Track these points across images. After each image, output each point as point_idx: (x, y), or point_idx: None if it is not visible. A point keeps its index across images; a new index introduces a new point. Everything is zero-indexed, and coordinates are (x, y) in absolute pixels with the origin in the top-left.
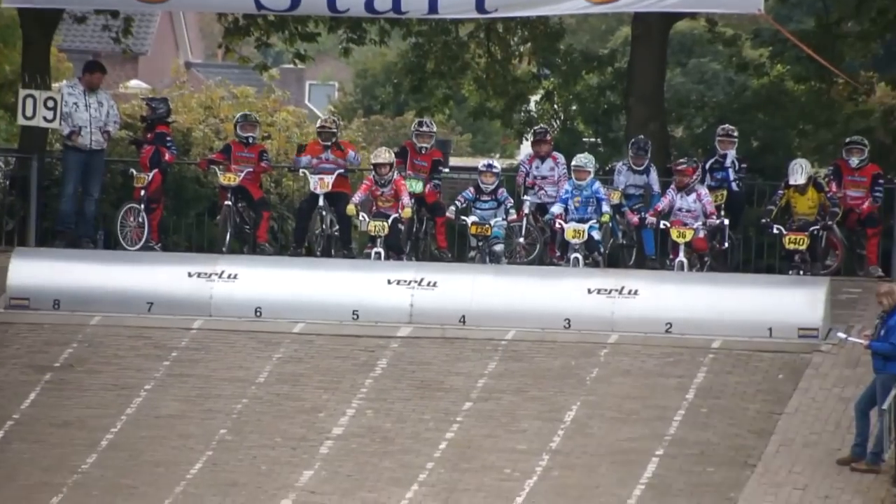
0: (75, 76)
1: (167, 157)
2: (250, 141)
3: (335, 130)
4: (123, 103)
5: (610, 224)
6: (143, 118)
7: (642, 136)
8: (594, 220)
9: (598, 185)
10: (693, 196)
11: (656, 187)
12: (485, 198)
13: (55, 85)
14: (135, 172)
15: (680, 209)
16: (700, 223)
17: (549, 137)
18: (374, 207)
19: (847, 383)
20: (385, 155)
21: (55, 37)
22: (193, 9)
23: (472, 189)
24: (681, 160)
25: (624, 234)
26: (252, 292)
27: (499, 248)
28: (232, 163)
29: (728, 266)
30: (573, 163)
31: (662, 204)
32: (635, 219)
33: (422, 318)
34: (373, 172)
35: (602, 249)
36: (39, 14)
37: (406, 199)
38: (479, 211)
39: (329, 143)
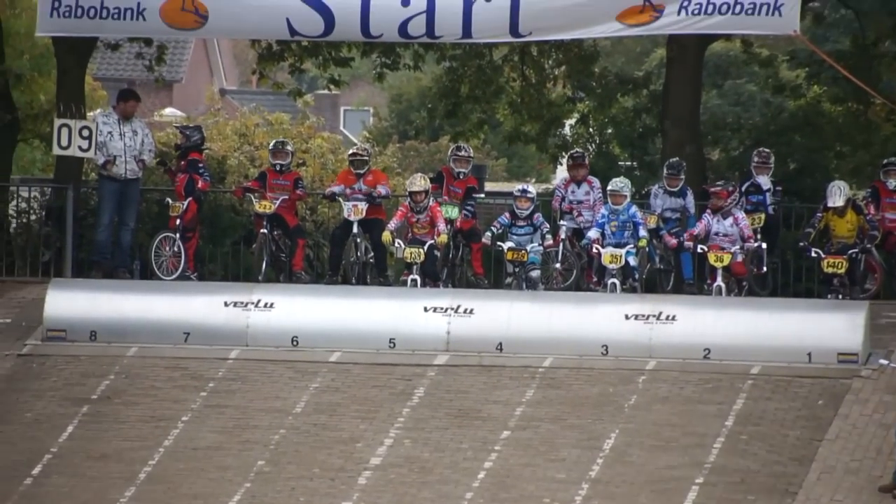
0: (109, 105)
1: (200, 184)
2: (283, 168)
3: (367, 158)
4: (158, 131)
5: (647, 249)
6: (177, 146)
7: (677, 158)
8: (631, 245)
9: (634, 209)
10: (730, 220)
11: (692, 210)
12: (521, 223)
13: (90, 114)
14: (170, 201)
15: (717, 233)
16: (738, 247)
17: (585, 161)
18: (409, 234)
19: (888, 409)
20: (420, 182)
21: (89, 65)
22: (227, 35)
23: (507, 214)
24: (717, 182)
25: (661, 258)
26: (289, 321)
27: (535, 274)
28: (267, 190)
29: (766, 290)
30: (609, 187)
31: (698, 228)
32: (673, 241)
33: (459, 345)
34: (408, 199)
35: (638, 275)
36: (73, 43)
37: (442, 226)
38: (515, 237)
39: (361, 172)
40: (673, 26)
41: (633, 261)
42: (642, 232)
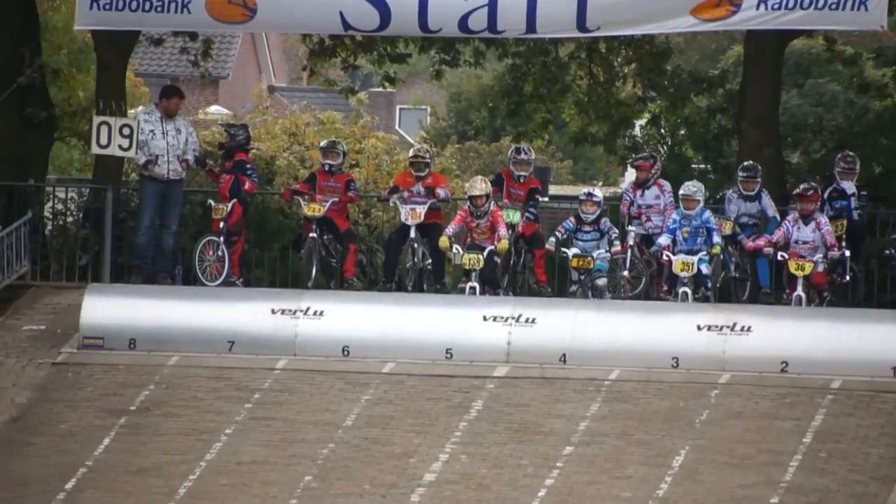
0: (152, 102)
1: (248, 186)
2: (335, 169)
3: (429, 160)
4: (203, 130)
5: (721, 256)
6: (221, 145)
7: (752, 161)
8: (704, 253)
9: (708, 214)
10: (811, 226)
11: (771, 212)
12: (586, 228)
13: (131, 111)
14: (213, 203)
15: (797, 241)
16: (820, 256)
17: (645, 164)
18: (468, 239)
19: None
20: (481, 185)
21: (131, 61)
22: (276, 29)
23: (572, 219)
24: (807, 185)
25: (737, 266)
26: (339, 330)
27: (602, 282)
28: (317, 192)
29: (849, 301)
30: (681, 191)
31: (777, 236)
32: (751, 243)
33: (520, 356)
34: (468, 203)
35: (711, 284)
36: (114, 36)
37: (503, 231)
38: (580, 242)
39: (422, 175)
40: (751, 21)
41: (705, 269)
42: (716, 238)
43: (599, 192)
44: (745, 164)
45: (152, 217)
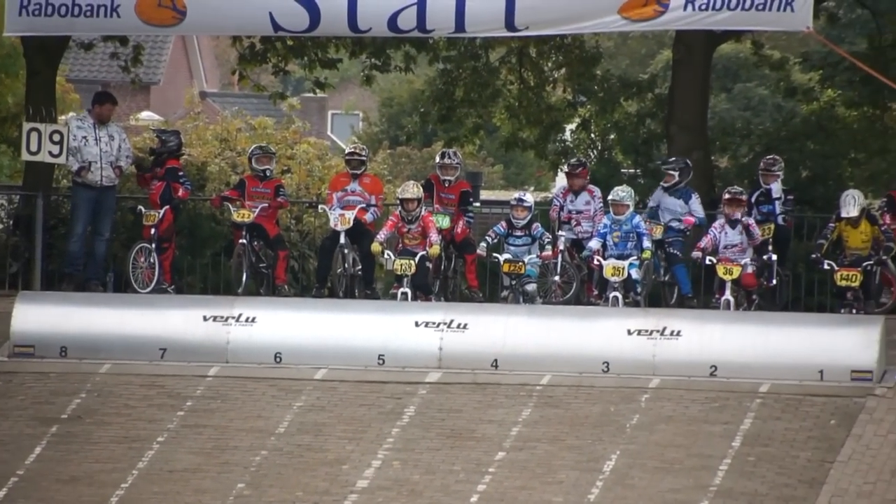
0: (84, 108)
1: (181, 192)
2: (267, 174)
3: (365, 158)
4: (134, 136)
5: (652, 261)
6: (152, 150)
7: (676, 157)
8: (634, 257)
9: (638, 219)
10: (738, 228)
11: (700, 214)
12: (517, 233)
13: (61, 118)
14: (143, 210)
15: (726, 246)
16: (748, 259)
17: (583, 171)
18: (399, 245)
19: None
20: (413, 190)
21: (61, 66)
22: (206, 32)
23: (503, 224)
24: (733, 189)
25: (666, 270)
26: (271, 337)
27: (532, 287)
28: (246, 199)
29: (776, 305)
30: (610, 197)
31: (705, 242)
32: (691, 219)
33: (451, 362)
34: (399, 208)
35: (641, 288)
36: (44, 42)
37: (434, 236)
38: (511, 247)
39: (358, 172)
40: (679, 22)
41: (635, 273)
42: (647, 243)
43: (530, 197)
44: (668, 159)
45: (85, 224)
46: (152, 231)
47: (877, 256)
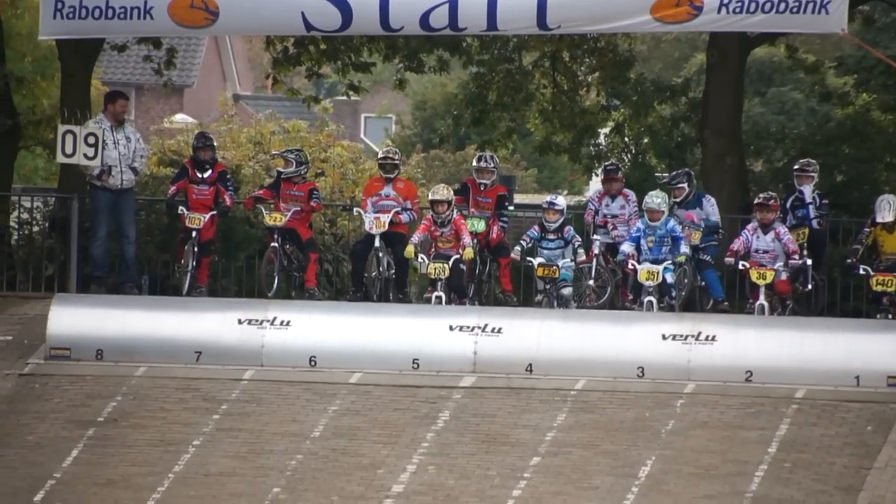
0: (100, 111)
1: (228, 201)
2: (295, 178)
3: (398, 162)
4: (168, 139)
5: (688, 265)
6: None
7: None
8: (669, 262)
9: (673, 223)
10: (770, 235)
11: (714, 218)
12: (550, 237)
13: (90, 121)
14: (185, 211)
15: (757, 250)
16: (780, 264)
17: (619, 175)
18: (432, 249)
19: None
20: (443, 192)
21: (96, 69)
22: (238, 32)
23: (537, 228)
24: (767, 195)
25: (698, 276)
26: (306, 340)
27: (567, 291)
28: (280, 201)
29: (812, 310)
30: (645, 204)
31: (737, 244)
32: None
33: (486, 366)
34: (430, 211)
35: (676, 293)
36: (79, 45)
37: (467, 239)
38: (545, 251)
39: (391, 176)
40: (712, 24)
41: (670, 277)
42: (683, 248)
43: (561, 201)
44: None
45: (108, 228)
46: (194, 234)
47: None
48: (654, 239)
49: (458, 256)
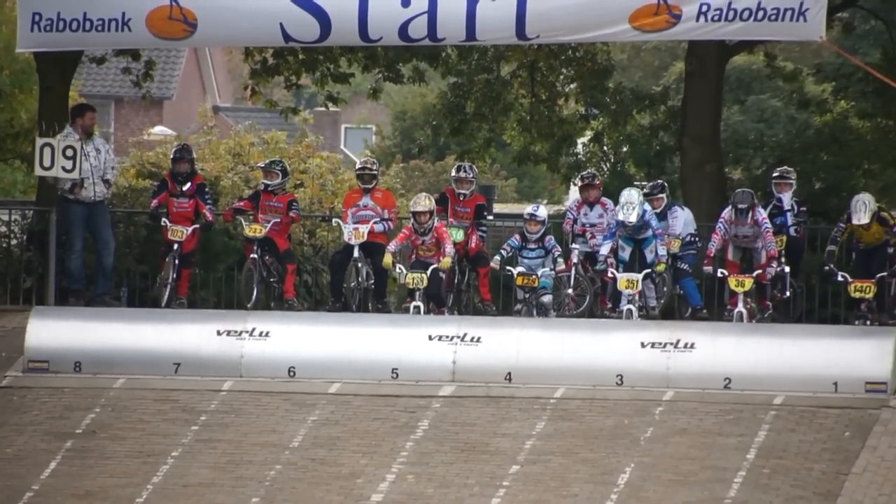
0: (68, 125)
1: (208, 216)
2: (276, 189)
3: (376, 172)
4: (147, 150)
5: (666, 274)
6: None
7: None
8: (649, 231)
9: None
10: (748, 217)
11: (678, 231)
12: (531, 246)
13: (59, 135)
14: (168, 223)
15: (736, 235)
16: (760, 244)
17: (597, 182)
18: (412, 257)
19: None
20: (425, 202)
21: (74, 81)
22: (217, 44)
23: (517, 237)
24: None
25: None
26: (285, 351)
27: (546, 299)
28: (259, 212)
29: (790, 317)
30: (618, 216)
31: (715, 242)
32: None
33: (465, 375)
34: (412, 221)
35: (654, 301)
36: (56, 57)
37: (448, 247)
38: (525, 260)
39: (369, 187)
40: (691, 32)
41: (649, 254)
42: (661, 252)
43: (543, 211)
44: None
45: (83, 240)
46: (175, 246)
47: (891, 269)
48: (630, 230)
49: (436, 265)
